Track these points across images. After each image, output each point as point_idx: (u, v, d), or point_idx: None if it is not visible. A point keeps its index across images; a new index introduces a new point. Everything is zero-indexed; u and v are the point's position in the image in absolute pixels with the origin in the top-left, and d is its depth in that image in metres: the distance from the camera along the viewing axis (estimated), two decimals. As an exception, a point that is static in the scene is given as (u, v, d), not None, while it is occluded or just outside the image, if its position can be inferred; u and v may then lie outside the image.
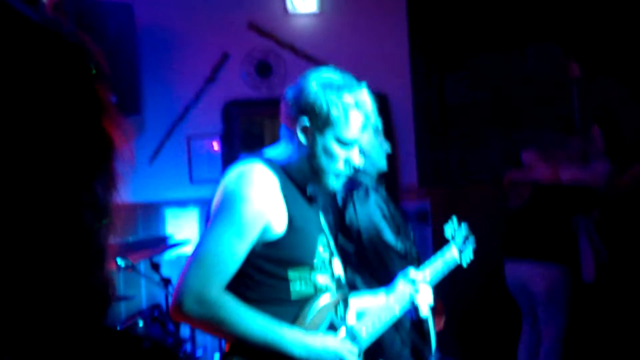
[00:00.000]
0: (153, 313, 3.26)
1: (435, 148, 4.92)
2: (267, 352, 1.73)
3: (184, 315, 1.70)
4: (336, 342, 1.81)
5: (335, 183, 1.89)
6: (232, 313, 1.69)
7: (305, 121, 1.82)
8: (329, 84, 1.83)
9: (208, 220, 1.82)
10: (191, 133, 4.91)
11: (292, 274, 1.81)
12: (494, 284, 4.01)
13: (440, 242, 4.53)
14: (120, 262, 3.15)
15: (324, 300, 1.86)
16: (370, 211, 2.95)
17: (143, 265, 4.02)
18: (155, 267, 3.52)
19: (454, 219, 2.38)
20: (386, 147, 3.24)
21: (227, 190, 1.79)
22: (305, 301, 1.83)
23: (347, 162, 1.87)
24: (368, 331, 1.96)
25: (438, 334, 3.29)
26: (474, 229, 2.54)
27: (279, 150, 1.91)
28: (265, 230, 1.77)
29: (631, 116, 4.41)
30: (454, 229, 2.36)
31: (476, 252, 2.45)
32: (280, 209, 1.79)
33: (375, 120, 2.79)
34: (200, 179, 4.77)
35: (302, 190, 1.91)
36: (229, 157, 4.77)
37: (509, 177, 3.89)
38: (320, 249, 1.89)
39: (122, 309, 4.48)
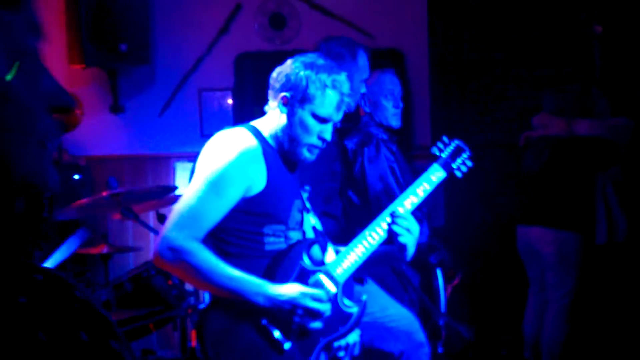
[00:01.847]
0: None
1: (450, 107, 4.83)
2: (238, 306, 1.91)
3: (159, 261, 1.93)
4: (295, 289, 1.94)
5: (308, 156, 2.09)
6: (201, 263, 1.88)
7: (286, 94, 2.06)
8: (311, 64, 2.06)
9: (192, 175, 2.03)
10: (202, 85, 4.83)
11: (267, 229, 2.03)
12: (506, 249, 3.98)
13: (451, 202, 4.51)
14: (124, 212, 3.13)
15: (295, 249, 2.04)
16: (379, 167, 2.93)
17: (151, 217, 4.01)
18: (161, 218, 3.50)
19: (443, 137, 2.32)
20: (399, 106, 3.19)
21: (212, 151, 2.01)
22: (277, 254, 2.03)
23: (321, 137, 2.07)
24: (344, 268, 2.09)
25: (448, 298, 3.30)
26: (487, 192, 2.49)
27: (263, 121, 2.14)
28: (245, 189, 1.98)
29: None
30: (442, 145, 2.30)
31: (488, 216, 2.41)
32: (260, 171, 2.01)
33: (396, 87, 2.78)
34: (211, 133, 4.65)
35: (283, 158, 2.11)
36: (240, 111, 4.71)
37: (525, 136, 3.81)
38: (296, 210, 2.11)
39: (131, 260, 4.50)
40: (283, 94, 2.06)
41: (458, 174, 2.31)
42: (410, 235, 2.10)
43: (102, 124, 4.76)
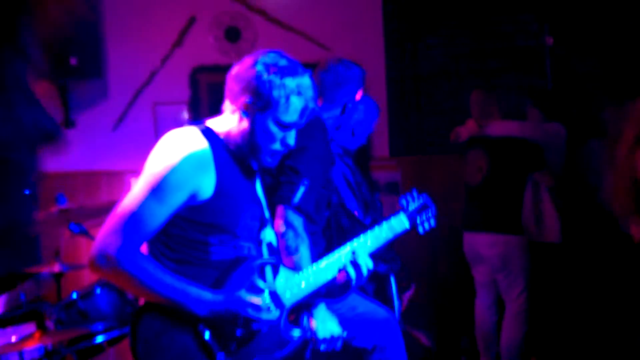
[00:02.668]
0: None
1: (407, 119, 4.87)
2: (174, 310, 1.82)
3: (94, 269, 1.82)
4: (238, 298, 1.86)
5: (270, 161, 1.98)
6: (138, 271, 1.78)
7: (247, 99, 1.90)
8: (274, 67, 1.91)
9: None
10: (157, 99, 4.76)
11: (213, 239, 1.91)
12: (462, 255, 4.01)
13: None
14: (73, 227, 3.05)
15: (247, 265, 1.94)
16: (334, 180, 2.91)
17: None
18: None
19: (414, 190, 2.36)
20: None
21: (158, 154, 1.87)
22: (227, 265, 1.92)
23: (283, 143, 1.95)
24: (293, 294, 2.03)
25: (406, 307, 3.28)
26: (443, 199, 2.51)
27: (220, 121, 1.99)
28: (190, 196, 1.86)
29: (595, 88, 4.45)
30: (410, 198, 2.34)
31: (444, 222, 2.43)
32: (209, 177, 1.87)
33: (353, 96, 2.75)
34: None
35: (238, 161, 1.98)
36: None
37: (454, 132, 3.90)
38: (248, 218, 1.99)
39: (86, 278, 4.37)
40: (244, 98, 1.91)
41: (420, 229, 2.34)
42: (360, 278, 2.08)
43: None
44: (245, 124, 1.92)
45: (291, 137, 1.96)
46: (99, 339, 2.95)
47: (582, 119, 4.45)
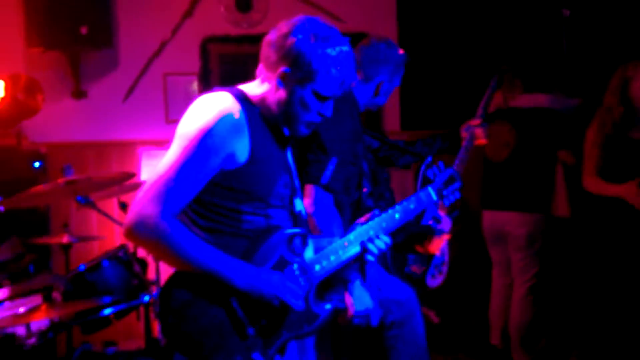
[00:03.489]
0: (118, 253, 3.16)
1: (420, 92, 4.79)
2: (207, 281, 1.77)
3: (131, 236, 1.75)
4: (280, 280, 1.85)
5: (306, 131, 1.92)
6: (179, 240, 1.73)
7: (285, 69, 1.83)
8: (315, 36, 1.82)
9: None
10: (167, 70, 4.71)
11: (246, 207, 1.85)
12: (471, 235, 3.96)
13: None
14: (80, 199, 3.02)
15: (277, 236, 1.90)
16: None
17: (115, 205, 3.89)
18: (123, 206, 3.40)
19: (440, 163, 2.31)
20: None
21: (191, 118, 1.81)
22: (257, 235, 1.87)
23: (320, 113, 1.89)
24: (322, 267, 1.98)
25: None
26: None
27: (254, 87, 1.92)
28: (225, 160, 1.80)
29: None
30: (437, 170, 2.30)
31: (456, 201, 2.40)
32: (243, 142, 1.82)
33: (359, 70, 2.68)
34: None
35: (271, 128, 1.92)
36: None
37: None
38: (280, 186, 1.92)
39: (96, 249, 4.38)
40: (281, 67, 1.82)
41: (446, 202, 2.29)
42: (380, 252, 2.04)
43: (64, 110, 4.62)
44: (281, 93, 1.85)
45: (328, 108, 1.90)
46: (106, 311, 2.95)
47: (597, 94, 4.36)
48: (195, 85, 4.73)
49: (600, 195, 3.37)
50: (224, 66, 4.80)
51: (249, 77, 1.98)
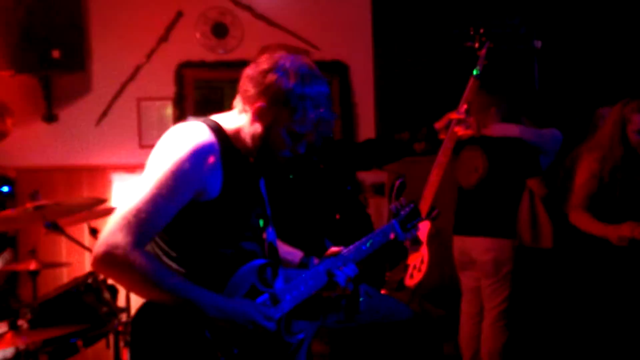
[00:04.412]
0: (87, 280, 3.10)
1: (395, 119, 4.82)
2: (178, 311, 1.74)
3: (99, 267, 1.72)
4: (251, 305, 1.83)
5: (278, 165, 1.93)
6: (147, 269, 1.70)
7: (263, 105, 1.83)
8: (295, 75, 1.83)
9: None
10: (142, 95, 4.68)
11: (217, 239, 1.84)
12: (443, 258, 3.96)
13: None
14: (48, 225, 2.97)
15: (248, 266, 1.88)
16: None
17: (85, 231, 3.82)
18: (94, 232, 3.34)
19: (402, 199, 2.38)
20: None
21: (164, 149, 1.79)
22: (228, 266, 1.86)
23: (294, 151, 1.90)
24: (292, 297, 1.98)
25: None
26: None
27: (230, 118, 1.91)
28: (197, 193, 1.78)
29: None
30: (400, 205, 2.33)
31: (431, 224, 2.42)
32: (216, 175, 1.80)
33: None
34: (151, 144, 4.55)
35: (244, 159, 1.91)
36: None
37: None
38: (254, 218, 1.94)
39: (64, 276, 4.29)
40: (259, 103, 1.83)
41: (408, 236, 2.34)
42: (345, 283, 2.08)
43: (34, 133, 4.55)
44: (257, 127, 1.86)
45: (303, 145, 1.90)
46: (75, 339, 2.88)
47: (570, 124, 4.43)
48: (169, 111, 4.70)
49: (587, 232, 3.30)
50: (199, 91, 4.79)
51: (224, 102, 1.98)
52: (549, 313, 3.98)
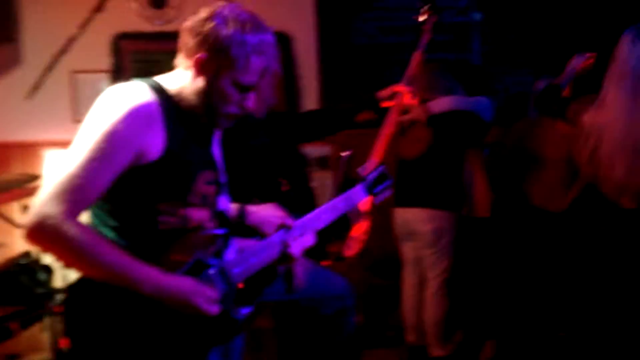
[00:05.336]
0: (20, 261, 2.98)
1: (339, 92, 4.79)
2: (116, 288, 1.64)
3: (31, 238, 1.61)
4: (191, 285, 1.73)
5: (225, 123, 1.83)
6: (80, 241, 1.60)
7: (203, 55, 1.73)
8: (235, 23, 1.73)
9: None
10: (76, 67, 4.50)
11: (160, 206, 1.74)
12: (384, 231, 3.99)
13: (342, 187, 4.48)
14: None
15: (194, 236, 1.79)
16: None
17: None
18: (25, 210, 3.20)
19: (373, 162, 2.34)
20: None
21: (99, 109, 1.68)
22: (172, 235, 1.76)
23: (241, 105, 1.80)
24: (242, 271, 1.90)
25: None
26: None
27: (172, 78, 1.81)
28: (136, 156, 1.67)
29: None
30: (369, 167, 2.29)
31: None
32: (156, 136, 1.70)
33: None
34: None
35: (191, 121, 1.80)
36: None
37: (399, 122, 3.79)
38: (201, 184, 1.81)
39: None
40: (199, 54, 1.72)
41: (377, 200, 2.31)
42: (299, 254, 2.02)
43: (-40, 108, 4.33)
44: (200, 82, 1.75)
45: (250, 100, 1.79)
46: (8, 322, 2.77)
47: (510, 97, 4.50)
48: (105, 84, 4.54)
49: None
50: (137, 64, 4.64)
51: (162, 73, 1.88)
52: (486, 282, 4.07)
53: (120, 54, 4.56)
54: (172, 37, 1.87)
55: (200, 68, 1.74)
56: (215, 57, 1.72)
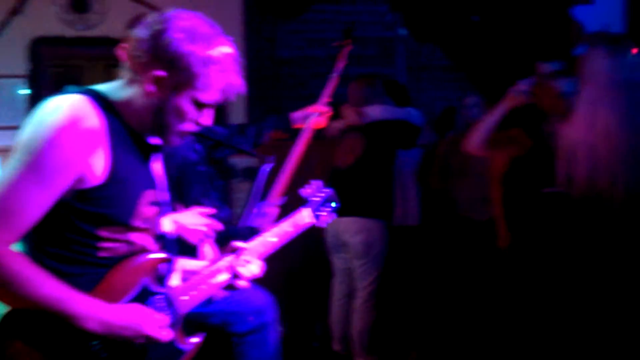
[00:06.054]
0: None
1: (266, 103, 4.79)
2: (53, 320, 1.50)
3: None
4: (140, 314, 1.61)
5: (175, 140, 1.66)
6: (13, 271, 1.45)
7: (159, 72, 1.54)
8: (195, 37, 1.55)
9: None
10: (-10, 71, 4.34)
11: (102, 232, 1.58)
12: (317, 241, 4.01)
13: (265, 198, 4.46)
14: None
15: (139, 262, 1.65)
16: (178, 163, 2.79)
17: None
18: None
19: (319, 182, 2.31)
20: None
21: (36, 125, 1.49)
22: (116, 262, 1.62)
23: (198, 122, 1.64)
24: (191, 298, 1.78)
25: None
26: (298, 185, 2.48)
27: (117, 89, 1.61)
28: (77, 180, 1.51)
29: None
30: (315, 190, 2.27)
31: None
32: (100, 156, 1.53)
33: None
34: (2, 125, 4.23)
35: (136, 138, 1.63)
36: (36, 101, 4.27)
37: (330, 127, 3.84)
38: (144, 205, 1.65)
39: None
40: (154, 70, 1.54)
41: (322, 224, 2.28)
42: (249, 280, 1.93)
43: None
44: (153, 98, 1.57)
45: (208, 117, 1.64)
46: None
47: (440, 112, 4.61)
48: (22, 90, 4.37)
49: None
50: (57, 69, 4.50)
51: (83, 81, 1.81)
52: (415, 291, 4.15)
53: (38, 58, 4.40)
54: (95, 43, 1.77)
55: (156, 85, 1.56)
56: (174, 75, 1.55)
